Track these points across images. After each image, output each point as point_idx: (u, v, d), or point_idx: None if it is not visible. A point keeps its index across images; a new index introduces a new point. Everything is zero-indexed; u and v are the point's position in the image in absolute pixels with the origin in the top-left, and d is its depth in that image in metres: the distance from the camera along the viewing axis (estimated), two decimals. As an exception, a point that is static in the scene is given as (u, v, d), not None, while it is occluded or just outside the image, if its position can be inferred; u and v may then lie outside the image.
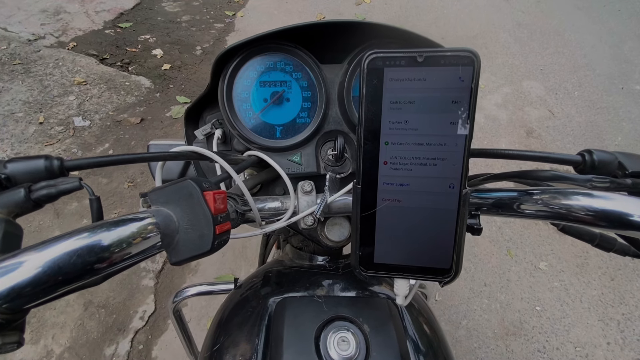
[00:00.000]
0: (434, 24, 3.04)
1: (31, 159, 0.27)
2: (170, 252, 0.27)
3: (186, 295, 0.71)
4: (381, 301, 0.44)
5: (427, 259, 0.30)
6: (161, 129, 2.06)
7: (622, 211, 0.27)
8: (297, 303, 0.43)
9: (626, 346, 1.37)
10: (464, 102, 0.27)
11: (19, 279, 0.20)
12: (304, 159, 0.48)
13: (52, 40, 2.56)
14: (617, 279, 1.56)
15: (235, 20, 3.00)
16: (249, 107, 0.48)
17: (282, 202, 0.42)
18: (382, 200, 0.30)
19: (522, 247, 1.66)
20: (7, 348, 0.22)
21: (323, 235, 0.48)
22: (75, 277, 0.22)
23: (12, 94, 2.12)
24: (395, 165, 0.29)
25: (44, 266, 0.20)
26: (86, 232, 0.23)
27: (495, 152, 0.37)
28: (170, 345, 1.32)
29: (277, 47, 0.47)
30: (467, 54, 0.26)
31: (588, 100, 2.44)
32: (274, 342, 0.39)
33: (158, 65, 2.48)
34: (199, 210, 0.28)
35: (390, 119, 0.28)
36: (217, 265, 1.54)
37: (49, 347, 1.29)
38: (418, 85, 0.27)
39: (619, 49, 2.89)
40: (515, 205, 0.33)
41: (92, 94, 2.19)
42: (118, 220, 0.25)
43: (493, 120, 2.26)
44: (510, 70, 2.63)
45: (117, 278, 1.47)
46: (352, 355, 0.36)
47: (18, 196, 0.25)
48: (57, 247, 0.21)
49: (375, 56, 0.28)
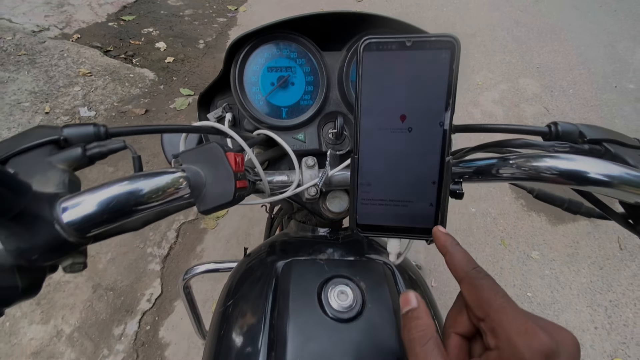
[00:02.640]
0: (433, 21, 3.09)
1: (82, 125, 0.32)
2: (199, 203, 0.32)
3: (196, 272, 0.75)
4: (377, 264, 0.48)
5: (415, 221, 0.34)
6: (165, 120, 2.10)
7: (579, 169, 0.31)
8: (301, 264, 0.46)
9: (613, 331, 1.44)
10: (446, 81, 0.30)
11: (84, 212, 0.25)
12: (308, 137, 0.53)
13: (56, 32, 2.59)
14: (605, 268, 1.63)
15: (238, 15, 3.03)
16: (257, 90, 0.52)
17: (288, 176, 0.46)
18: (375, 168, 0.34)
19: (516, 238, 1.72)
20: (75, 267, 0.28)
21: (324, 207, 0.52)
22: (123, 213, 0.27)
23: (18, 84, 2.15)
24: (387, 137, 0.33)
25: (100, 203, 0.26)
26: (130, 179, 0.28)
27: (476, 127, 0.42)
28: (177, 326, 1.37)
29: (283, 36, 0.51)
30: (449, 39, 0.30)
31: (582, 98, 2.50)
32: (281, 296, 0.43)
33: (161, 58, 2.51)
34: (222, 167, 0.32)
35: (383, 97, 0.32)
36: (221, 251, 1.59)
37: (59, 327, 1.34)
38: (407, 67, 0.31)
39: (614, 48, 2.96)
40: (492, 170, 0.37)
41: (97, 85, 2.23)
42: (155, 172, 0.29)
43: (490, 115, 2.31)
44: (508, 68, 2.68)
45: (124, 262, 1.52)
46: (350, 305, 0.40)
47: (76, 153, 0.30)
48: (110, 189, 0.27)
49: (370, 41, 0.31)
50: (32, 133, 0.30)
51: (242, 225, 1.68)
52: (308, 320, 0.39)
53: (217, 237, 1.64)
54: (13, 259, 0.24)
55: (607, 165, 0.31)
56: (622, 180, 0.30)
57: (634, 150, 0.35)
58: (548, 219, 1.79)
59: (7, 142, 0.29)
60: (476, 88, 2.50)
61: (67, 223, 0.24)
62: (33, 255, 0.24)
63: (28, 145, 0.29)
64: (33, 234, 0.23)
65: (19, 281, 0.25)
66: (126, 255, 1.55)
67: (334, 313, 0.39)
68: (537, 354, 0.20)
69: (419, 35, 0.30)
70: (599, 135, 0.36)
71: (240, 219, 1.70)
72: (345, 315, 0.39)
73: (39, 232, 0.24)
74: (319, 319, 0.39)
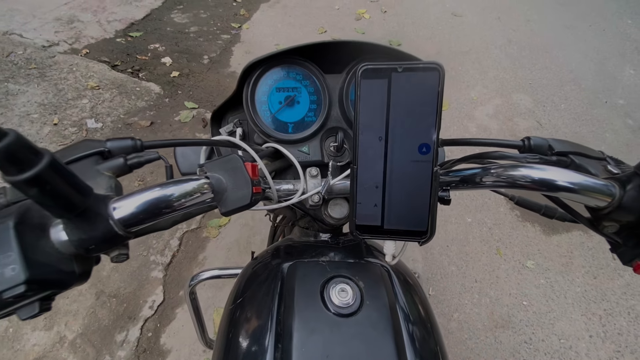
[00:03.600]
0: (429, 39, 3.21)
1: (122, 139, 0.38)
2: (221, 205, 0.37)
3: (202, 278, 0.77)
4: (375, 266, 0.52)
5: (409, 225, 0.38)
6: (170, 132, 2.16)
7: (548, 178, 0.36)
8: (305, 265, 0.50)
9: (607, 339, 1.46)
10: (433, 102, 0.35)
11: (130, 211, 0.30)
12: (311, 149, 0.58)
13: (65, 47, 2.68)
14: (599, 277, 1.66)
15: (241, 32, 3.14)
16: (267, 108, 0.58)
17: (294, 185, 0.51)
18: (372, 178, 0.38)
19: (511, 247, 1.76)
20: (120, 257, 0.33)
21: (327, 214, 0.56)
22: (158, 213, 0.32)
23: (27, 96, 2.22)
24: (382, 150, 0.37)
25: (142, 204, 0.31)
26: (163, 185, 0.33)
27: (461, 141, 0.47)
28: (178, 333, 1.39)
29: (290, 61, 0.58)
30: (435, 66, 0.34)
31: (574, 113, 2.58)
32: (287, 294, 0.46)
33: (167, 72, 2.60)
34: (240, 175, 0.37)
35: (378, 115, 0.36)
36: (222, 259, 1.62)
37: (62, 333, 1.36)
38: (399, 89, 0.35)
39: (604, 65, 3.07)
40: (476, 179, 0.41)
41: (104, 98, 2.30)
42: (184, 179, 0.34)
43: (484, 129, 2.38)
44: (501, 84, 2.78)
45: (128, 270, 1.55)
46: (350, 302, 0.43)
47: (119, 163, 0.36)
48: (150, 193, 0.32)
49: (366, 67, 0.35)
50: (80, 145, 0.36)
51: (244, 234, 1.72)
52: (312, 316, 0.42)
53: (218, 245, 1.68)
54: (74, 248, 0.28)
55: (571, 174, 0.35)
56: (584, 187, 0.35)
57: (597, 161, 0.40)
58: (542, 229, 1.83)
59: (60, 152, 0.34)
60: (471, 103, 2.58)
61: (118, 219, 0.29)
62: (90, 245, 0.28)
63: (79, 155, 0.34)
64: (93, 228, 0.28)
65: (75, 268, 0.29)
66: (129, 262, 1.57)
67: (335, 309, 0.43)
68: None
69: (409, 63, 0.35)
70: (566, 148, 0.41)
71: (241, 228, 1.74)
72: (346, 310, 0.43)
73: (97, 227, 0.28)
74: (322, 314, 0.43)
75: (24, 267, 0.25)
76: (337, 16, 3.46)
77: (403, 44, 3.12)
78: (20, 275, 0.25)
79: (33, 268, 0.26)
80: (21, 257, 0.25)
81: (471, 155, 0.47)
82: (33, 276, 0.26)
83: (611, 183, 0.34)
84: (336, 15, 3.49)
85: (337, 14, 3.52)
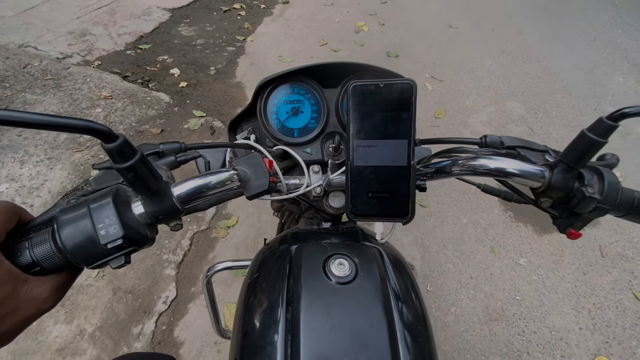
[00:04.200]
0: (426, 50, 3.35)
1: (171, 142, 0.48)
2: (246, 191, 0.47)
3: (218, 269, 0.85)
4: (368, 247, 0.60)
5: (393, 208, 0.47)
6: (180, 139, 2.27)
7: (498, 166, 0.45)
8: (310, 246, 0.59)
9: (596, 331, 1.54)
10: (409, 109, 0.44)
11: (186, 192, 0.41)
12: (313, 150, 0.69)
13: (78, 59, 2.81)
14: (588, 274, 1.75)
15: (246, 45, 3.29)
16: (276, 117, 0.69)
17: (300, 179, 0.60)
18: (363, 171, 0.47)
19: (505, 246, 1.85)
20: (177, 227, 0.43)
21: (327, 204, 0.66)
22: (202, 195, 0.42)
23: (44, 105, 2.34)
24: (371, 149, 0.46)
25: (192, 188, 0.41)
26: (205, 175, 0.43)
27: (433, 140, 0.57)
28: (191, 326, 1.47)
29: (295, 79, 0.70)
30: (409, 82, 0.43)
31: (565, 119, 2.70)
32: (295, 268, 0.54)
33: (176, 82, 2.73)
34: (260, 168, 0.47)
35: (366, 121, 0.45)
36: (231, 258, 1.71)
37: (82, 326, 1.44)
38: (382, 101, 0.44)
39: (593, 74, 3.20)
40: (446, 169, 0.50)
41: (116, 107, 2.42)
42: (219, 171, 0.44)
43: (478, 135, 2.49)
44: (495, 92, 2.90)
45: (142, 268, 1.64)
46: (347, 273, 0.52)
47: (172, 160, 0.46)
48: (196, 180, 0.42)
49: (355, 84, 0.44)
50: (141, 147, 0.45)
51: (251, 234, 1.81)
52: (316, 284, 0.51)
53: (227, 245, 1.77)
54: (149, 218, 0.38)
55: (514, 163, 0.45)
56: (523, 172, 0.44)
57: (540, 153, 0.50)
58: (534, 229, 1.92)
59: None
60: (466, 110, 2.70)
61: (177, 197, 0.40)
62: (160, 216, 0.39)
63: (145, 152, 0.43)
64: (162, 203, 0.38)
65: (148, 232, 0.39)
66: (144, 261, 1.67)
67: (335, 278, 0.51)
68: None
69: (389, 80, 0.44)
70: (514, 143, 0.51)
71: (248, 229, 1.84)
72: (343, 280, 0.51)
73: (165, 203, 0.39)
74: (324, 283, 0.51)
75: (121, 227, 0.35)
76: (337, 29, 3.61)
77: (400, 55, 3.26)
78: (119, 231, 0.35)
79: (127, 228, 0.35)
80: (118, 220, 0.35)
81: (442, 150, 0.56)
82: (127, 233, 0.35)
83: (544, 168, 0.44)
84: (336, 28, 3.64)
85: (338, 27, 3.67)
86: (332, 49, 3.28)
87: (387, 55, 3.24)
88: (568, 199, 0.44)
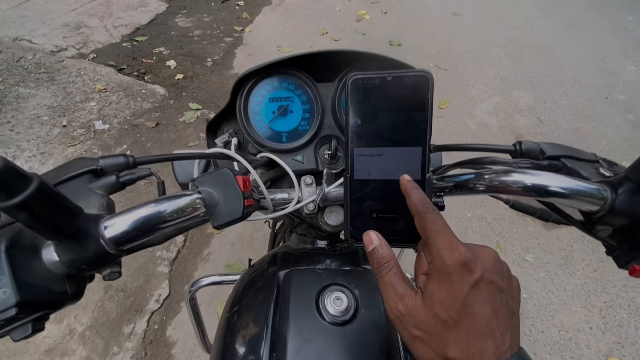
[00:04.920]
0: (429, 39, 3.24)
1: (114, 156, 0.38)
2: (213, 219, 0.37)
3: (201, 285, 0.77)
4: (371, 273, 0.50)
5: (403, 231, 0.36)
6: (175, 132, 2.22)
7: (540, 183, 0.35)
8: (301, 273, 0.50)
9: (607, 331, 1.47)
10: (423, 109, 0.34)
11: (122, 229, 0.30)
12: (305, 158, 0.58)
13: (73, 52, 2.75)
14: (599, 270, 1.67)
15: (244, 35, 3.20)
16: (260, 119, 0.58)
17: (289, 193, 0.50)
18: (365, 185, 0.37)
19: (511, 241, 1.77)
20: (113, 275, 0.33)
21: (323, 221, 0.56)
22: (151, 230, 0.32)
23: (37, 99, 2.29)
24: (375, 158, 0.36)
25: (134, 222, 0.31)
26: (155, 202, 0.33)
27: (452, 146, 0.46)
28: (183, 326, 1.43)
29: (283, 71, 0.58)
30: (424, 74, 0.33)
31: (574, 109, 2.59)
32: (282, 302, 0.46)
33: (172, 75, 2.66)
34: (232, 189, 0.37)
35: (369, 124, 0.35)
36: (227, 255, 1.66)
37: (72, 325, 1.40)
38: (389, 98, 0.34)
39: (604, 62, 3.07)
40: (469, 185, 0.41)
41: (111, 100, 2.36)
42: (176, 195, 0.34)
43: (484, 126, 2.40)
44: (501, 82, 2.79)
45: (134, 265, 1.59)
46: (345, 310, 0.43)
47: (111, 181, 0.36)
48: (141, 210, 0.32)
49: (355, 77, 0.34)
50: (73, 164, 0.36)
51: (247, 230, 1.76)
52: (307, 324, 0.42)
53: (222, 241, 1.72)
54: (66, 268, 0.28)
55: (562, 179, 0.35)
56: (575, 192, 0.34)
57: (589, 164, 0.40)
58: (542, 224, 1.84)
59: (53, 172, 0.35)
60: (471, 100, 2.61)
61: (109, 238, 0.29)
62: (82, 265, 0.29)
63: (72, 174, 0.35)
64: (83, 248, 0.28)
65: (68, 288, 0.30)
66: (136, 258, 1.62)
67: (330, 317, 0.43)
68: (457, 262, 0.27)
69: (398, 72, 0.34)
70: (557, 152, 0.41)
71: (244, 225, 1.77)
72: (340, 319, 0.43)
73: (88, 247, 0.28)
74: (317, 323, 0.42)
75: (14, 290, 0.26)
76: (338, 18, 3.51)
77: (403, 44, 3.15)
78: (11, 298, 0.25)
79: (24, 290, 0.26)
80: (12, 280, 0.26)
81: (464, 160, 0.46)
82: (24, 298, 0.26)
83: (603, 187, 0.34)
84: (337, 17, 3.53)
85: (339, 15, 3.56)
86: (332, 39, 3.19)
87: (389, 45, 3.14)
88: (634, 226, 0.34)
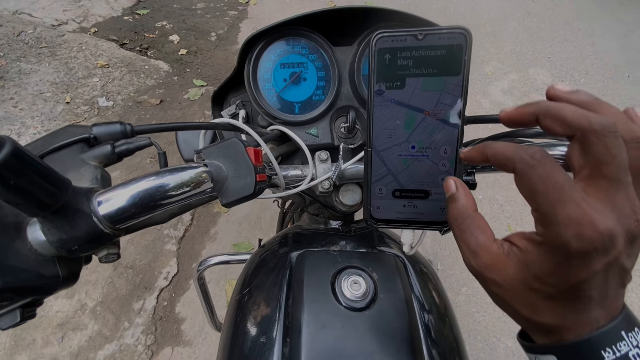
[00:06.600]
0: (442, 12, 3.09)
1: (109, 123, 0.34)
2: (222, 196, 0.33)
3: (209, 264, 0.74)
4: (389, 256, 0.48)
5: (430, 212, 0.34)
6: (179, 109, 2.17)
7: None
8: (315, 255, 0.47)
9: (617, 314, 1.46)
10: (459, 74, 0.30)
11: (118, 205, 0.26)
12: (320, 131, 0.54)
13: (74, 26, 2.68)
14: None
15: (249, 8, 3.08)
16: (271, 87, 0.53)
17: (302, 170, 0.47)
18: (389, 161, 0.34)
19: (522, 224, 1.74)
20: (110, 258, 0.30)
21: (338, 200, 0.53)
22: (151, 207, 0.28)
23: (40, 75, 2.24)
24: (400, 130, 0.33)
25: (131, 197, 0.27)
26: (157, 174, 0.29)
27: (487, 118, 0.42)
28: (192, 303, 1.44)
29: (295, 33, 0.52)
30: (461, 31, 0.29)
31: (594, 88, 2.48)
32: (295, 285, 0.44)
33: (175, 50, 2.58)
34: (242, 162, 0.34)
35: (396, 90, 0.32)
36: (234, 234, 1.66)
37: (83, 301, 1.42)
38: (420, 61, 0.31)
39: (628, 38, 2.91)
40: None
41: (114, 76, 2.31)
42: (180, 167, 0.30)
43: (499, 105, 2.32)
44: (518, 58, 2.67)
45: (143, 243, 1.60)
46: (363, 295, 0.41)
47: (106, 150, 0.31)
48: (140, 184, 0.28)
49: (382, 36, 0.31)
50: (63, 132, 0.32)
51: (254, 209, 1.74)
52: (322, 309, 0.40)
53: (230, 220, 1.71)
54: (55, 249, 0.25)
55: None
56: None
57: None
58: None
59: (41, 141, 0.31)
60: (485, 78, 2.50)
61: (103, 215, 0.26)
62: (73, 246, 0.25)
63: (61, 143, 0.30)
64: (73, 226, 0.25)
65: (59, 271, 0.26)
66: (144, 236, 1.62)
67: (347, 302, 0.40)
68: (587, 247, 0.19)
69: (431, 29, 0.30)
70: None
71: (252, 203, 1.75)
72: (358, 304, 0.40)
73: (78, 225, 0.25)
74: (333, 308, 0.40)
75: None
76: (347, -10, 3.35)
77: (415, 17, 3.01)
78: None
79: (6, 275, 0.23)
80: None
81: (501, 133, 0.42)
82: (6, 284, 0.23)
83: None
84: (346, -12, 3.37)
85: (347, -13, 3.40)
86: (341, 12, 3.05)
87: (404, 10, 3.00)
88: None
